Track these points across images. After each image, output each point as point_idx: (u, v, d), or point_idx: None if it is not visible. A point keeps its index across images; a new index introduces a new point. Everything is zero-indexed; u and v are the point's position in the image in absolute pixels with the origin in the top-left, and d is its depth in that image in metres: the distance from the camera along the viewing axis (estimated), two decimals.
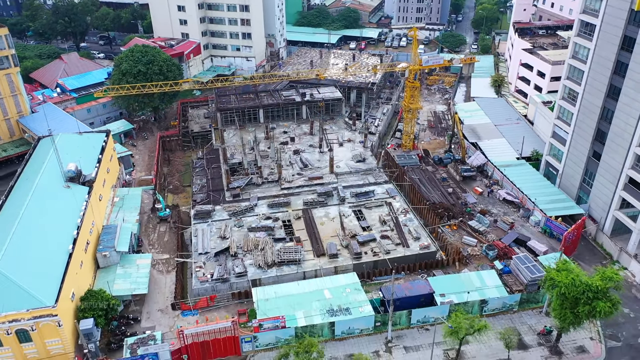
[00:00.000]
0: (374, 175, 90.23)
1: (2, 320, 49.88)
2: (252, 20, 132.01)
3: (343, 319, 58.72)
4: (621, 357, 57.44)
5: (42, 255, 56.82)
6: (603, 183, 74.78)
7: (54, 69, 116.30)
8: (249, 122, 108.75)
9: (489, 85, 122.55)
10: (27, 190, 66.15)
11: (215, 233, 75.49)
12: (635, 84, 66.79)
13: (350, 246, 71.88)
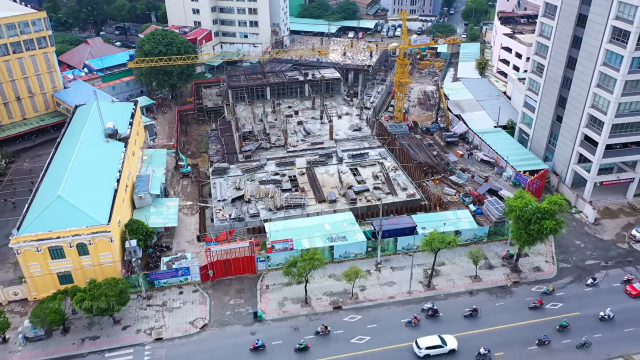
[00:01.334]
0: (368, 141, 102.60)
1: (67, 235, 62.13)
2: (259, 10, 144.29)
3: (340, 244, 71.09)
4: (569, 274, 69.71)
5: (93, 190, 69.17)
6: (564, 142, 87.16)
7: (80, 52, 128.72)
8: (257, 99, 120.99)
9: (474, 68, 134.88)
10: (74, 144, 78.47)
11: (231, 185, 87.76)
12: (588, 54, 79.17)
13: (347, 194, 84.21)
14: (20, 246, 61.32)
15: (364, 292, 66.82)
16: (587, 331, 60.03)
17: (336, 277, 68.99)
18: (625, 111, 77.02)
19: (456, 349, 57.36)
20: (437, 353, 56.80)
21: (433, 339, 57.51)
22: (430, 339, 57.55)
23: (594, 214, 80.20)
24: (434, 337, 57.80)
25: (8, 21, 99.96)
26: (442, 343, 57.09)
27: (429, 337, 57.75)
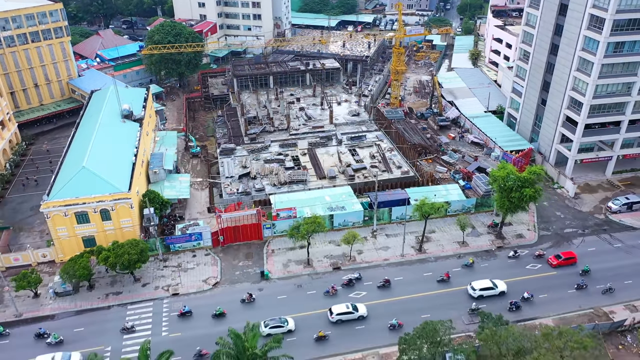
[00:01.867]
0: (366, 125, 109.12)
1: (91, 201, 68.60)
2: (262, 4, 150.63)
3: (339, 213, 77.56)
4: (549, 240, 76.19)
5: (113, 163, 75.69)
6: (548, 123, 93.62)
7: (92, 43, 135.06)
8: (260, 87, 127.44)
9: (467, 59, 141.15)
10: (94, 123, 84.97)
11: (238, 164, 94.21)
12: (569, 40, 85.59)
13: (346, 171, 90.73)
14: (49, 211, 67.81)
15: (360, 255, 73.31)
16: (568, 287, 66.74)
17: (335, 242, 75.42)
18: (602, 93, 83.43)
19: None
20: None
21: None
22: None
23: (574, 188, 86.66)
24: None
25: (27, 12, 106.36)
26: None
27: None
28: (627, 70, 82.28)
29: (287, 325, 59.98)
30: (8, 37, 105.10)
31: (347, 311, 61.48)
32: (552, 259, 70.58)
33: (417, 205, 71.36)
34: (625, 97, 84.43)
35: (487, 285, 65.14)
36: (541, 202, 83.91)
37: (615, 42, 79.05)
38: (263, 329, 58.06)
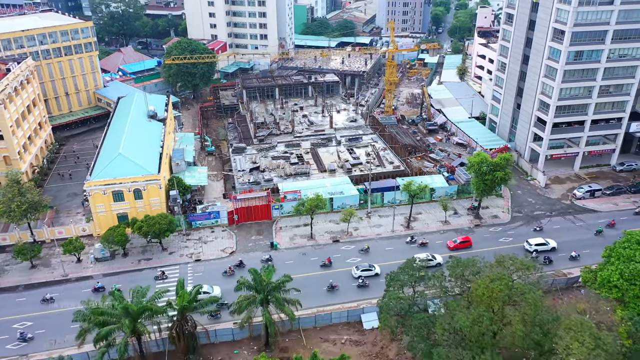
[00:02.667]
0: (362, 129, 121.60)
1: (127, 181, 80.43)
2: (268, 25, 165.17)
3: (338, 197, 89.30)
4: (520, 221, 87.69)
5: (143, 152, 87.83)
6: (522, 125, 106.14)
7: (115, 58, 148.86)
8: (267, 98, 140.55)
9: (455, 74, 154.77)
10: (124, 122, 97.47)
11: (248, 160, 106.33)
12: (537, 51, 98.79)
13: (344, 166, 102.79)
14: (91, 189, 79.61)
15: (356, 231, 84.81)
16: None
17: (335, 221, 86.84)
18: (566, 95, 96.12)
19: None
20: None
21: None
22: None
23: (545, 179, 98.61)
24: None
25: (62, 28, 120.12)
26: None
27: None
28: (587, 76, 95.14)
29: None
30: (45, 50, 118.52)
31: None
32: (450, 243, 80.00)
33: (405, 184, 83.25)
34: (587, 99, 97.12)
35: (541, 242, 78.66)
36: (515, 191, 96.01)
37: (575, 51, 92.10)
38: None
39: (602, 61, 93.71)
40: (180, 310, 56.19)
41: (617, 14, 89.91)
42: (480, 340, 45.04)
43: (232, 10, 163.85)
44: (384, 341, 63.29)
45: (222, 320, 65.05)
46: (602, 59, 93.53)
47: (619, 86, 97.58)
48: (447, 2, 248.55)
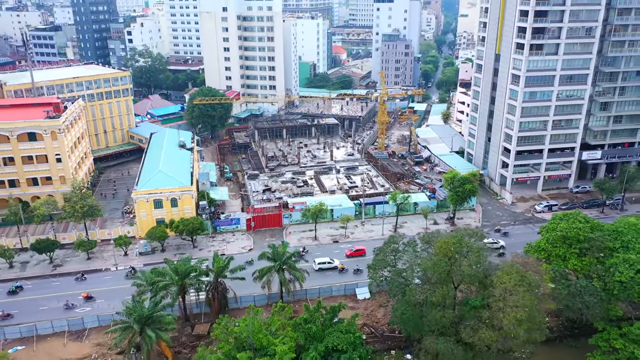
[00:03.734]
0: (358, 162, 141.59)
1: (166, 191, 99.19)
2: (277, 78, 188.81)
3: (338, 208, 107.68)
4: (487, 228, 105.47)
5: (177, 170, 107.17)
6: (493, 154, 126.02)
7: (144, 105, 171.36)
8: (276, 137, 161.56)
9: (440, 118, 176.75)
10: (160, 149, 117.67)
11: (261, 184, 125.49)
12: (501, 93, 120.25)
13: (342, 188, 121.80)
14: (137, 197, 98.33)
15: (353, 235, 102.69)
16: None
17: (335, 228, 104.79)
18: (525, 128, 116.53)
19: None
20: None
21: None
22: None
23: (512, 198, 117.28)
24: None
25: (105, 76, 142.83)
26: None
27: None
28: (541, 112, 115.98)
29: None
30: (90, 94, 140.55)
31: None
32: (347, 251, 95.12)
33: (390, 195, 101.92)
34: (543, 131, 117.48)
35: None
36: (486, 207, 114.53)
37: (529, 91, 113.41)
38: None
39: (553, 100, 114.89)
40: (216, 273, 73.47)
41: (561, 62, 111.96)
42: (439, 278, 62.28)
43: (245, 64, 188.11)
44: (373, 307, 79.92)
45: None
46: (552, 98, 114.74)
47: (569, 121, 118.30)
48: (435, 61, 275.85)
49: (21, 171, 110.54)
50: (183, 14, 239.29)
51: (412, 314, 64.37)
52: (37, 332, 73.33)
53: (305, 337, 63.99)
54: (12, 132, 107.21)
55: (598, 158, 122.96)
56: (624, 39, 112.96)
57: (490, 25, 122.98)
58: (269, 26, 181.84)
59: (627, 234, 68.25)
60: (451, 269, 62.52)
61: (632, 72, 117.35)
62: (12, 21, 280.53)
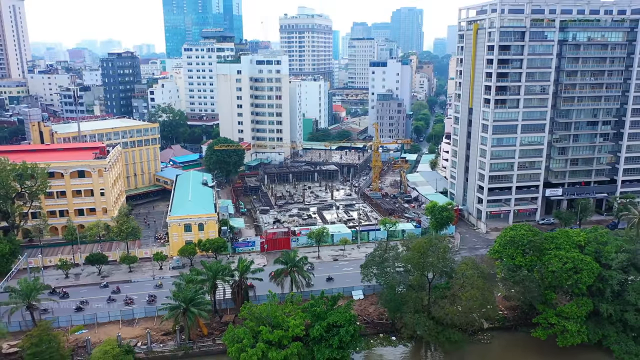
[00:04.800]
0: (355, 201, 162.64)
1: (194, 217, 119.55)
2: (283, 131, 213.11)
3: (337, 233, 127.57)
4: (464, 251, 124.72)
5: (203, 202, 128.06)
6: (470, 192, 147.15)
7: (167, 152, 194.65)
8: (283, 181, 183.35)
9: (428, 166, 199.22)
10: (187, 186, 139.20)
11: (271, 217, 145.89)
12: (474, 140, 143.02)
13: (341, 220, 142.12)
14: (171, 222, 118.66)
15: (350, 255, 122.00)
16: None
17: (335, 250, 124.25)
18: (495, 169, 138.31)
19: None
20: None
21: None
22: None
23: (486, 227, 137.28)
24: None
25: (138, 127, 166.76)
26: None
27: None
28: (508, 155, 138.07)
29: None
30: (124, 142, 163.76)
31: None
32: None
33: (381, 220, 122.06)
34: (510, 171, 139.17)
35: None
36: (464, 235, 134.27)
37: (496, 138, 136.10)
38: None
39: (517, 145, 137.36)
40: (240, 272, 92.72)
41: (521, 114, 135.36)
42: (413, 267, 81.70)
43: (256, 119, 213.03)
44: (365, 305, 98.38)
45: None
46: (516, 143, 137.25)
47: (532, 162, 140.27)
48: (426, 118, 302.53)
49: (71, 203, 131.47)
50: (199, 76, 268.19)
51: (395, 297, 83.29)
52: (97, 320, 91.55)
53: (312, 316, 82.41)
54: (67, 169, 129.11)
55: (560, 195, 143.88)
56: (573, 95, 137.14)
57: (464, 85, 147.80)
58: (277, 86, 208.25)
59: (560, 239, 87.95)
60: (423, 261, 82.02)
61: (582, 123, 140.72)
62: (44, 83, 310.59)
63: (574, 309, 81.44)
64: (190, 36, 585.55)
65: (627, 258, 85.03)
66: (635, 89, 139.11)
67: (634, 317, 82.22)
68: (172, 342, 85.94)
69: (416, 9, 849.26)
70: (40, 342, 76.19)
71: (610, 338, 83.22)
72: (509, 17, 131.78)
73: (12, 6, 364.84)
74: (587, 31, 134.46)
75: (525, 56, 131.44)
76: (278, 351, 77.55)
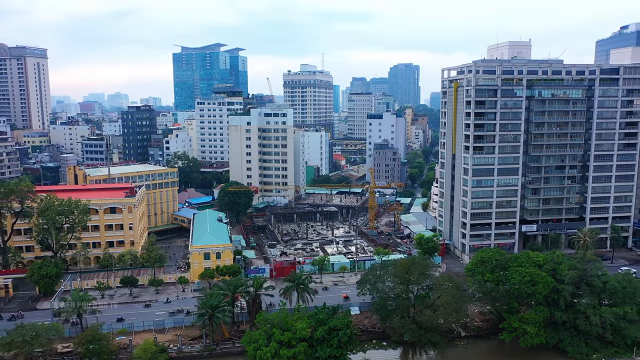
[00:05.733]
0: (354, 237, 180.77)
1: (212, 247, 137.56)
2: (288, 176, 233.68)
3: (337, 262, 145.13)
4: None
5: (219, 235, 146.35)
6: (455, 228, 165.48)
7: (183, 195, 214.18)
8: (288, 221, 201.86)
9: (420, 208, 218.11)
10: (205, 222, 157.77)
11: (278, 250, 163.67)
12: (458, 182, 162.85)
13: (340, 252, 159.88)
14: (193, 250, 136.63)
15: (348, 281, 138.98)
16: None
17: (335, 276, 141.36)
18: (476, 207, 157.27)
19: None
20: None
21: None
22: None
23: (469, 259, 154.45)
24: None
25: (159, 172, 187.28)
26: None
27: None
28: (487, 195, 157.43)
29: None
30: (147, 185, 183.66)
31: None
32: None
33: (375, 250, 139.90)
34: (489, 209, 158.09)
35: None
36: (449, 265, 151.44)
37: (476, 180, 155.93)
38: None
39: (494, 186, 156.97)
40: (255, 288, 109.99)
41: (497, 159, 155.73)
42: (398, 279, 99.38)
43: (263, 165, 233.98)
44: (361, 318, 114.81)
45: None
46: (494, 185, 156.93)
47: (508, 202, 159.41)
48: (421, 166, 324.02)
49: (103, 236, 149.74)
50: (210, 127, 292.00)
51: (385, 305, 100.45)
52: (134, 329, 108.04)
53: (315, 322, 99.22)
54: (101, 206, 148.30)
55: (535, 230, 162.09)
56: (542, 143, 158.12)
57: (447, 134, 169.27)
58: (283, 136, 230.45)
59: (522, 259, 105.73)
60: (408, 275, 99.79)
61: (552, 167, 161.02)
62: (65, 133, 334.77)
63: (533, 315, 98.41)
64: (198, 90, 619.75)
65: (578, 275, 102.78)
66: (596, 137, 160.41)
67: (584, 324, 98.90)
68: (199, 345, 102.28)
69: (412, 65, 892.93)
70: (93, 340, 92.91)
71: (565, 341, 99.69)
72: (484, 77, 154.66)
73: (36, 63, 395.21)
74: (551, 89, 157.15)
75: (498, 110, 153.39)
76: (288, 349, 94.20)
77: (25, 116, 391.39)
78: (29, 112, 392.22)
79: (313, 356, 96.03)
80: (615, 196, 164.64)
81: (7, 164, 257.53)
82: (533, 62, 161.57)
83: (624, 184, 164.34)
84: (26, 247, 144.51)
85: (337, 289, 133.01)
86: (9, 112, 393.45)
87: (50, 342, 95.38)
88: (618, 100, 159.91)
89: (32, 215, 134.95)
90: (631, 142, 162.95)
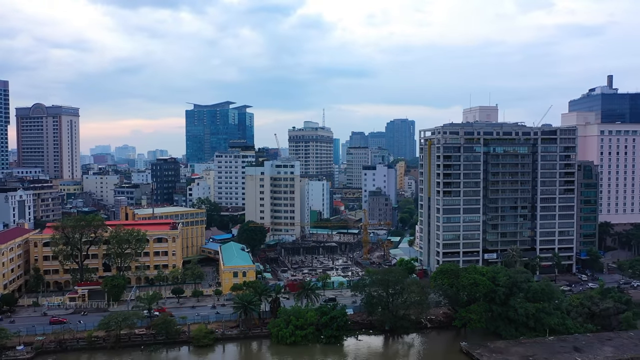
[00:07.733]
0: (350, 266, 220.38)
1: (239, 268, 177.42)
2: (295, 217, 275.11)
3: (336, 280, 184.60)
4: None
5: (244, 259, 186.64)
6: (432, 256, 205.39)
7: (207, 233, 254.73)
8: (296, 254, 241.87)
9: (407, 245, 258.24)
10: (231, 250, 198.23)
11: (288, 274, 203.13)
12: (432, 220, 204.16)
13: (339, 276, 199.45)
14: (224, 270, 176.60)
15: (345, 295, 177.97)
16: None
17: (335, 292, 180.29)
18: (446, 239, 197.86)
19: None
20: None
21: None
22: None
23: None
24: None
25: (191, 212, 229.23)
26: None
27: None
28: (455, 229, 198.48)
29: None
30: (181, 222, 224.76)
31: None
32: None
33: (366, 271, 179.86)
34: (457, 241, 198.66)
35: None
36: None
37: (446, 217, 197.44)
38: None
39: (461, 222, 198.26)
40: (276, 292, 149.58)
41: (462, 201, 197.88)
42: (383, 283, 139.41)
43: (274, 208, 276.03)
44: (354, 317, 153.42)
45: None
46: (460, 221, 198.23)
47: (472, 234, 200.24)
48: (412, 211, 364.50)
49: (152, 260, 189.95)
50: (227, 176, 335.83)
51: (371, 302, 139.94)
52: (187, 321, 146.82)
53: (321, 313, 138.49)
54: (151, 236, 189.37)
55: (495, 258, 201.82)
56: (498, 188, 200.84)
57: (424, 182, 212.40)
58: (291, 184, 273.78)
59: (470, 269, 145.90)
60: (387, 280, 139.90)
61: (507, 207, 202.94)
62: (96, 183, 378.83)
63: (476, 307, 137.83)
64: (208, 144, 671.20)
65: (510, 281, 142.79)
66: (540, 184, 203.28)
67: (514, 314, 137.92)
68: (236, 330, 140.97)
69: (408, 120, 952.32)
70: (165, 322, 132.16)
71: (501, 327, 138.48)
72: (450, 137, 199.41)
73: (70, 120, 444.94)
74: (503, 146, 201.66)
75: (462, 162, 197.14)
76: (301, 330, 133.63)
77: (57, 167, 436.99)
78: (60, 163, 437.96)
79: (319, 336, 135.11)
80: (560, 231, 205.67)
81: (51, 207, 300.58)
82: (489, 125, 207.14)
83: (565, 221, 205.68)
84: (92, 269, 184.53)
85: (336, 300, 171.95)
86: (43, 163, 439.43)
87: (133, 326, 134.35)
88: (557, 155, 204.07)
89: (101, 242, 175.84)
90: (569, 187, 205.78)
